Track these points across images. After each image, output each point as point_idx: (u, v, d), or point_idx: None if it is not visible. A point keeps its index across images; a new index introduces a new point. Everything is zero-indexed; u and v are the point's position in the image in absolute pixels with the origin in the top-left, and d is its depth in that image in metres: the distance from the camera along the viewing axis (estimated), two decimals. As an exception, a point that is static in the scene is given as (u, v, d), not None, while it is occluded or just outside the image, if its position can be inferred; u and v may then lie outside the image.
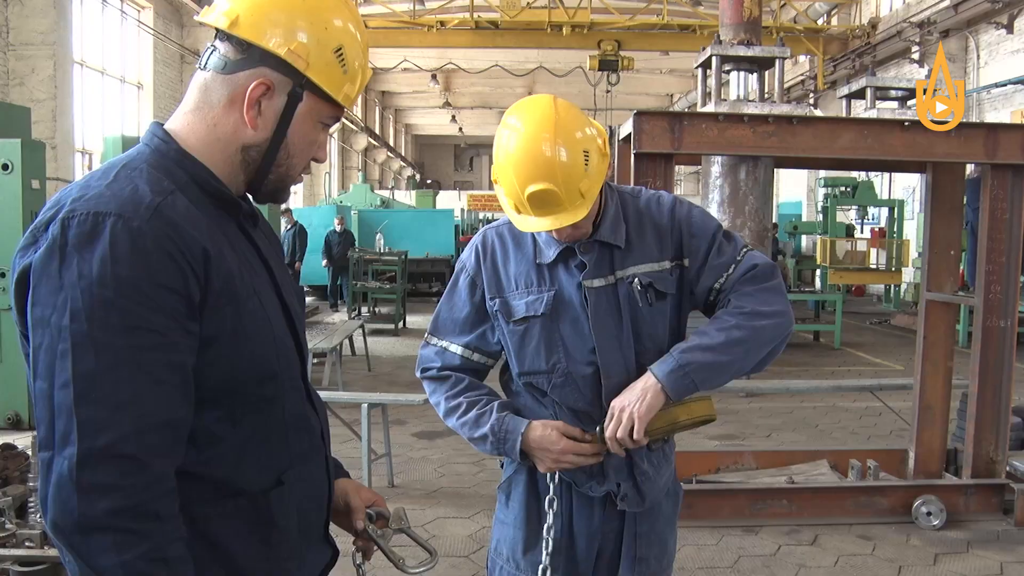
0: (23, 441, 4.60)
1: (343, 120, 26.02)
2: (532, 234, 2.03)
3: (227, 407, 1.33)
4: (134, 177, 1.29)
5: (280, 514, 1.39)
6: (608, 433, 1.92)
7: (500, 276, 2.04)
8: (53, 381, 1.19)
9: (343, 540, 1.60)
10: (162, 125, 1.40)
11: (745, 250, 2.01)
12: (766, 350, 1.94)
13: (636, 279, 1.97)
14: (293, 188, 1.56)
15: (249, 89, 1.34)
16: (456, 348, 2.08)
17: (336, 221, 16.74)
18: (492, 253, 2.06)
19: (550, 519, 2.01)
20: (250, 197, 1.47)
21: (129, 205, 1.24)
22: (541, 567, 2.02)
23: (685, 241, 2.01)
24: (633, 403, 1.89)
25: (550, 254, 1.99)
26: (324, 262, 16.34)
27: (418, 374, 2.15)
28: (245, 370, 1.34)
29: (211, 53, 1.37)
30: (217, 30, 1.36)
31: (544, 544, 2.02)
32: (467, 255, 2.11)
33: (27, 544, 3.65)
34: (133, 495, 1.18)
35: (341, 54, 1.38)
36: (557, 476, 2.01)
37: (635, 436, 1.89)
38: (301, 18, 1.35)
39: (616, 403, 1.92)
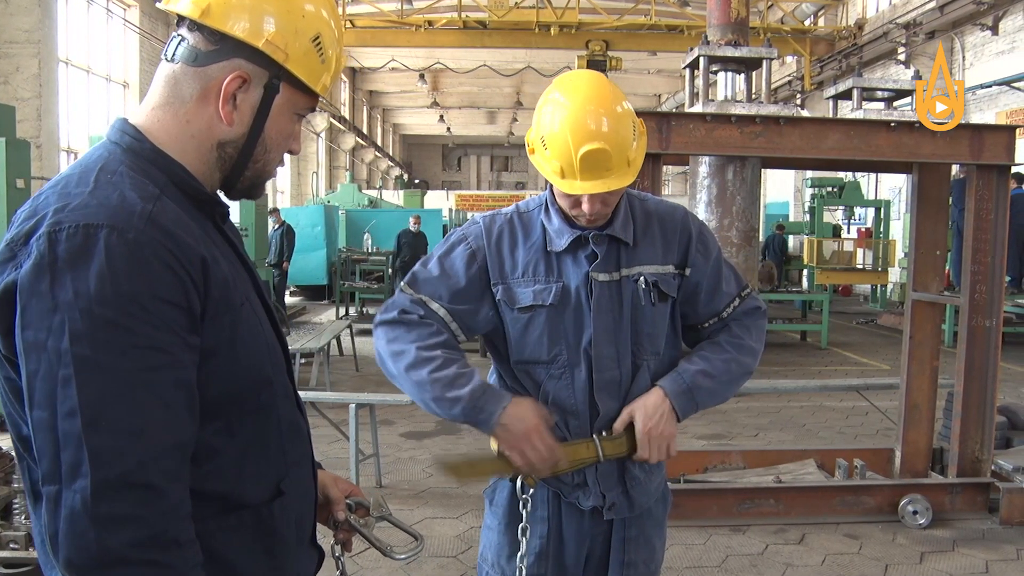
0: (6, 442, 4.56)
1: (331, 119, 25.94)
2: (542, 223, 2.01)
3: (225, 418, 1.27)
4: (116, 182, 1.20)
5: (282, 524, 1.36)
6: (650, 458, 1.98)
7: (505, 261, 2.00)
8: (56, 409, 1.10)
9: (320, 537, 1.59)
10: (129, 121, 1.30)
11: (747, 290, 2.11)
12: (742, 384, 2.09)
13: (642, 277, 1.98)
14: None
15: (224, 83, 1.26)
16: (437, 307, 1.99)
17: (412, 221, 15.54)
18: (499, 236, 2.02)
19: (524, 518, 1.98)
20: (221, 195, 1.39)
21: (120, 215, 1.15)
22: (520, 554, 1.99)
23: (691, 252, 2.03)
24: (661, 427, 1.96)
25: (561, 243, 1.97)
26: (389, 270, 15.18)
27: (392, 315, 2.00)
28: (243, 378, 1.28)
29: (179, 43, 1.27)
30: (184, 18, 1.27)
31: (520, 546, 2.00)
32: (470, 229, 2.05)
33: (11, 546, 3.62)
34: (153, 524, 1.12)
35: (319, 43, 1.31)
36: (530, 489, 1.97)
37: (670, 455, 2.03)
38: (274, 5, 1.27)
39: (642, 424, 1.95)
